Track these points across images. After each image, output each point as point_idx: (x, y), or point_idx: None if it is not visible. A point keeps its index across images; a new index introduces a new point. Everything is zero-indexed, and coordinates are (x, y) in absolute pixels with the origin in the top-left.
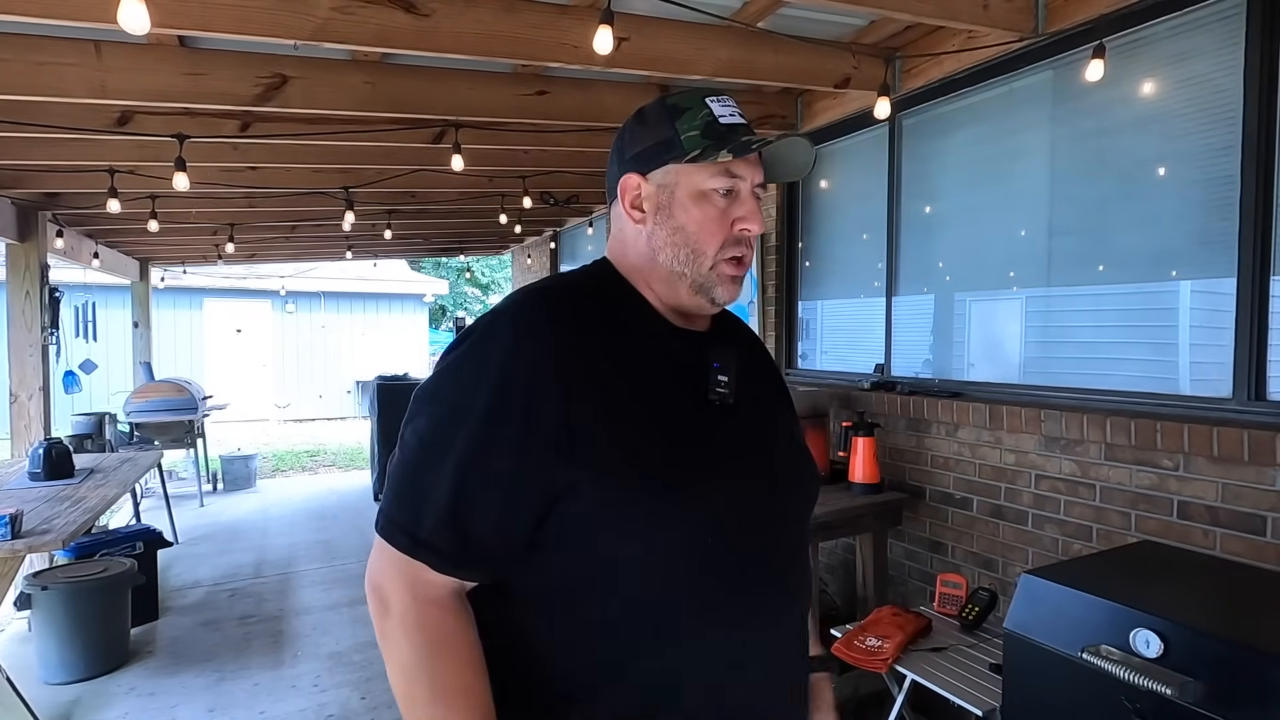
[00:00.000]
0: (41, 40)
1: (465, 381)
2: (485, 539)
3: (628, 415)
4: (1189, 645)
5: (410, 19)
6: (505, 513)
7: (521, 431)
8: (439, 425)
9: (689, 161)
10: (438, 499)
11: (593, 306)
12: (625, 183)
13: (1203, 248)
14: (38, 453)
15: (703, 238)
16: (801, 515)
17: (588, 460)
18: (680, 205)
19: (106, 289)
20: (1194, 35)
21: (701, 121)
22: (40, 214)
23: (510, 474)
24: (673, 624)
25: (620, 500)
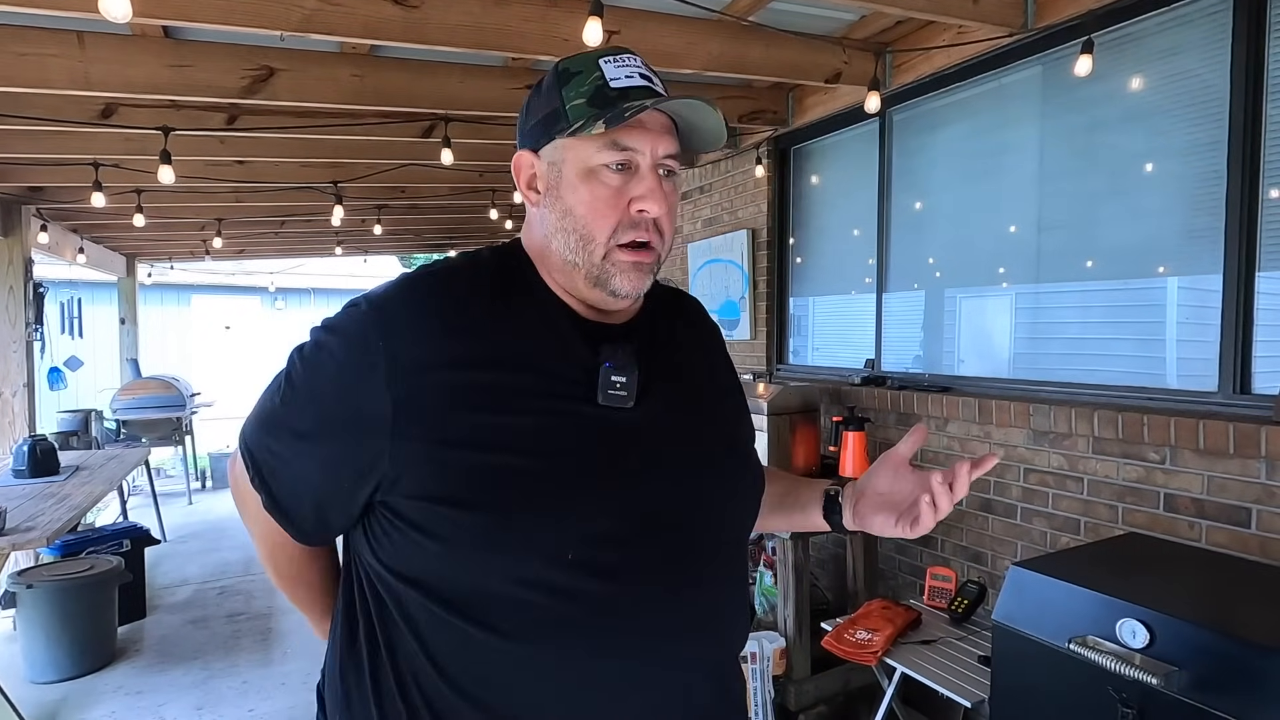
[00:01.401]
0: (23, 31)
1: (314, 358)
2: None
3: (471, 435)
4: (1174, 635)
5: (399, 10)
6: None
7: (343, 426)
8: (291, 388)
9: (571, 135)
10: (273, 448)
11: (470, 302)
12: (518, 161)
13: (1189, 243)
14: (22, 450)
15: (591, 221)
16: (722, 529)
17: (411, 489)
18: (568, 185)
19: (93, 285)
20: (1181, 31)
21: (590, 86)
22: (24, 208)
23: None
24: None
25: (445, 533)
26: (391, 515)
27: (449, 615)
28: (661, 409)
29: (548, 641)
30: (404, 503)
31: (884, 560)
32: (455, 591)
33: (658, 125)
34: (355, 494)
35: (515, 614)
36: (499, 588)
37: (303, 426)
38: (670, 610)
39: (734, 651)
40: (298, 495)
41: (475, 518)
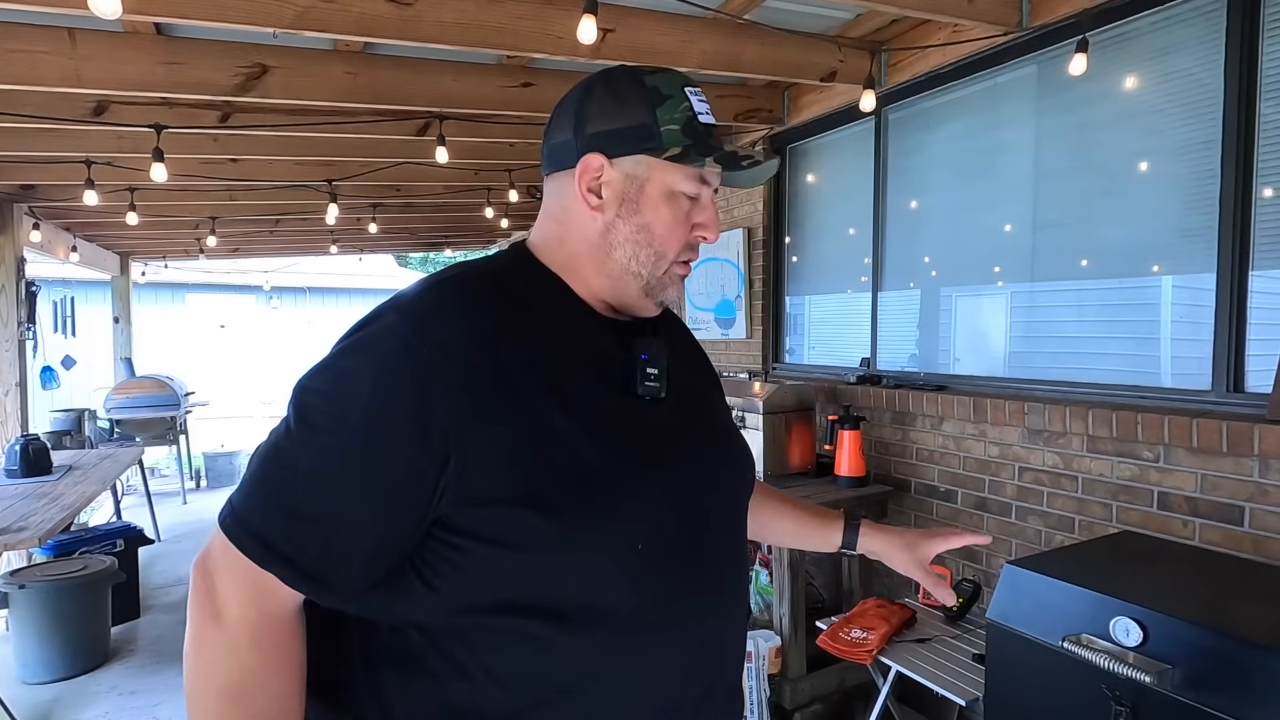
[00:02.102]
0: (13, 27)
1: (343, 382)
2: (343, 556)
3: (540, 434)
4: (1168, 633)
5: (393, 8)
6: (366, 535)
7: (402, 451)
8: (312, 428)
9: (668, 159)
10: (302, 508)
11: (510, 304)
12: (588, 162)
13: (1183, 242)
14: (14, 449)
15: (668, 240)
16: (738, 500)
17: (480, 497)
18: (649, 202)
19: (86, 283)
20: (1176, 30)
21: (683, 116)
22: (15, 206)
23: (376, 498)
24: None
25: (526, 536)
26: (457, 537)
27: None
28: (682, 400)
29: (619, 635)
30: (474, 515)
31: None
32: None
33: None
34: (420, 521)
35: (589, 613)
36: (575, 589)
37: (350, 465)
38: (712, 593)
39: (745, 621)
40: (343, 552)
41: (557, 518)
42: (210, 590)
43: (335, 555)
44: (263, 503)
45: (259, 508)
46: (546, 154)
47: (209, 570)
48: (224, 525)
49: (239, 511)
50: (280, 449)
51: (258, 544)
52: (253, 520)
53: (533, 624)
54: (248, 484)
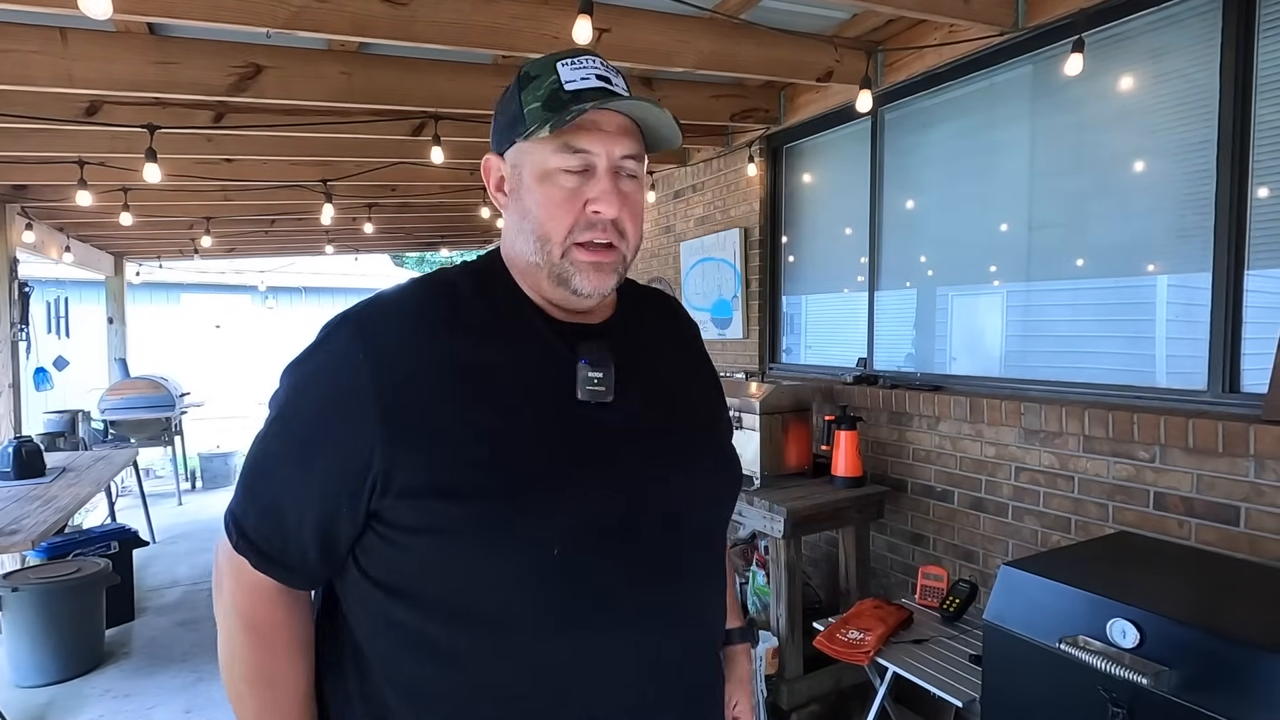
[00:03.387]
0: (4, 27)
1: (299, 384)
2: (296, 542)
3: (464, 436)
4: (1164, 635)
5: (387, 8)
6: (316, 529)
7: (337, 445)
8: (275, 422)
9: (526, 139)
10: (263, 497)
11: (448, 309)
12: (486, 165)
13: (1179, 242)
14: (7, 451)
15: (547, 222)
16: (704, 517)
17: (406, 488)
18: (527, 187)
19: (80, 284)
20: (1171, 30)
21: (546, 90)
22: (8, 206)
23: (316, 487)
24: (515, 641)
25: (442, 526)
26: (385, 525)
27: (431, 621)
28: (640, 404)
29: (526, 640)
30: (398, 504)
31: (876, 559)
32: (443, 593)
33: (614, 127)
34: (355, 505)
35: (498, 614)
36: (484, 587)
37: (299, 451)
38: (651, 604)
39: (716, 637)
40: (299, 533)
41: (470, 508)
42: (216, 569)
43: (289, 540)
44: (241, 495)
45: (239, 500)
46: None
47: (216, 554)
48: (225, 513)
49: (230, 505)
50: (254, 447)
51: (236, 533)
52: (235, 511)
53: (445, 621)
54: (237, 482)
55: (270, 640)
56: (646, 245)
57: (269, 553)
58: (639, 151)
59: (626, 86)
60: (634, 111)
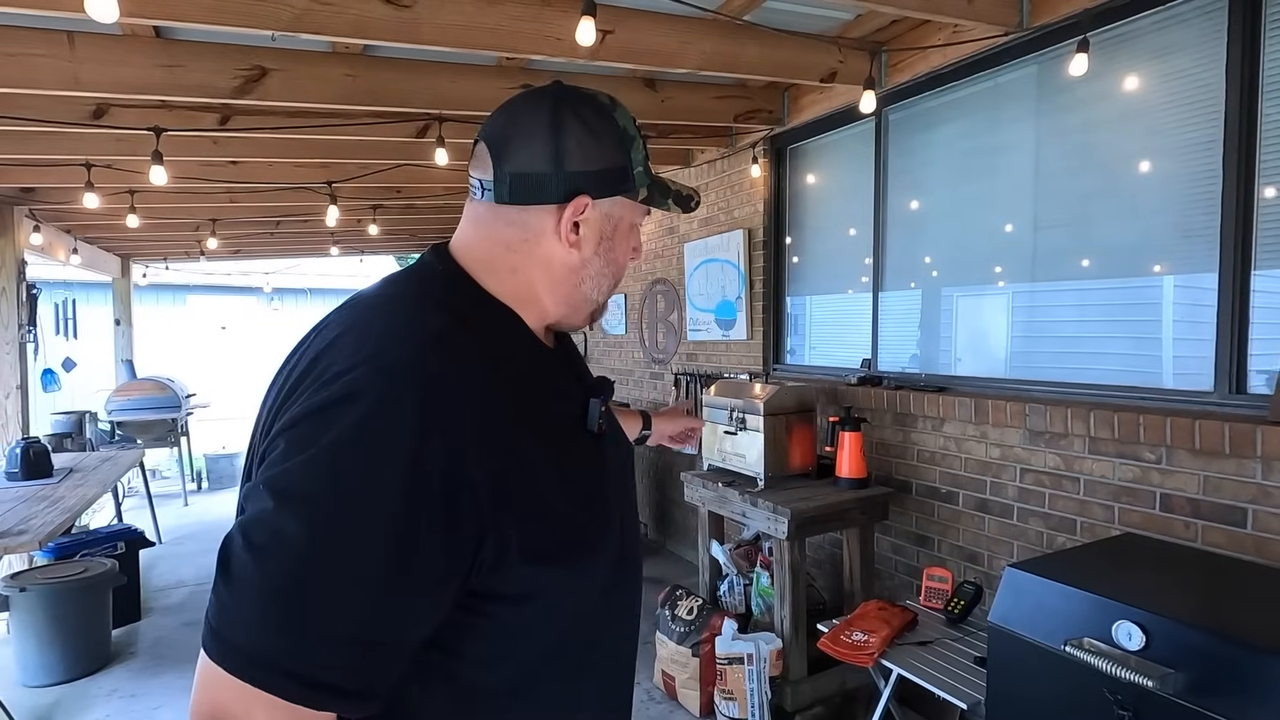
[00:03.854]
0: (11, 30)
1: (359, 475)
2: (399, 661)
3: (541, 477)
4: (1170, 637)
5: (390, 10)
6: (421, 622)
7: (441, 535)
8: (330, 535)
9: (645, 201)
10: (343, 630)
11: (485, 348)
12: (578, 204)
13: (1185, 242)
14: (15, 452)
15: (621, 271)
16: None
17: (514, 558)
18: (621, 238)
19: (87, 285)
20: (1177, 30)
21: (643, 158)
22: (15, 209)
23: (426, 589)
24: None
25: (550, 574)
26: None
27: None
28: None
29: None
30: (500, 578)
31: (880, 560)
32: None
33: None
34: (453, 602)
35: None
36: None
37: (390, 568)
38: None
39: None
40: (387, 660)
41: (567, 567)
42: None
43: (390, 665)
44: (284, 635)
45: (282, 642)
46: (511, 183)
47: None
48: (237, 667)
49: (254, 652)
50: (290, 571)
51: (297, 683)
52: (280, 658)
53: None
54: (249, 618)
55: None
56: (650, 246)
57: (363, 690)
58: None
59: None
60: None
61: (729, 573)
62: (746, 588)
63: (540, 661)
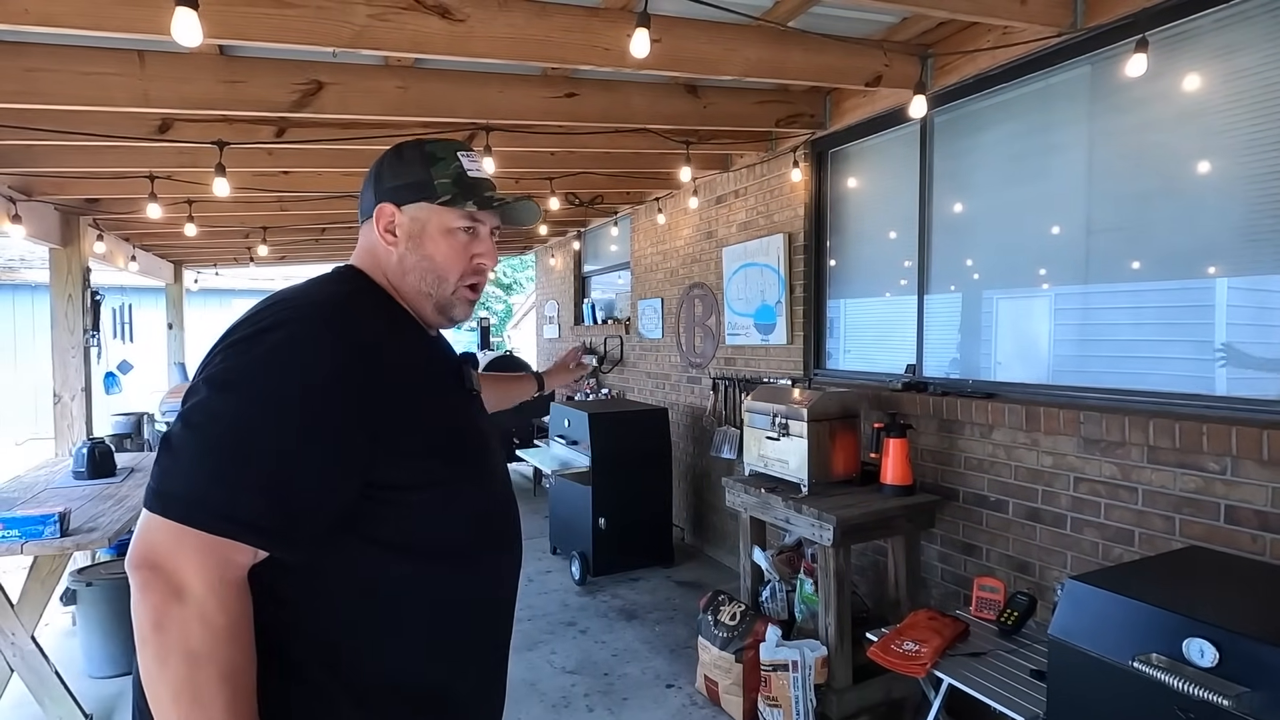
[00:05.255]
0: (87, 51)
1: (289, 370)
2: (307, 515)
3: (427, 410)
4: (1245, 655)
5: (444, 24)
6: (324, 492)
7: (353, 421)
8: (260, 410)
9: (440, 204)
10: (263, 479)
11: (371, 313)
12: (381, 210)
13: (1249, 244)
14: (81, 452)
15: (447, 268)
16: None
17: (401, 452)
18: (430, 238)
19: (140, 290)
20: (1241, 27)
21: (454, 172)
22: (81, 219)
23: (333, 461)
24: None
25: (435, 483)
26: (386, 488)
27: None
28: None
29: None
30: (398, 466)
31: (926, 569)
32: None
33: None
34: (358, 482)
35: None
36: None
37: (307, 435)
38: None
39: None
40: (301, 510)
41: (455, 467)
42: (166, 579)
43: (294, 514)
44: (214, 482)
45: (211, 488)
46: (360, 206)
47: (158, 562)
48: (171, 512)
49: (187, 495)
50: (223, 434)
51: (222, 519)
52: (209, 499)
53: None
54: (185, 470)
55: (246, 632)
56: (688, 250)
57: (274, 528)
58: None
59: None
60: (519, 216)
61: (771, 579)
62: (789, 594)
63: (427, 560)
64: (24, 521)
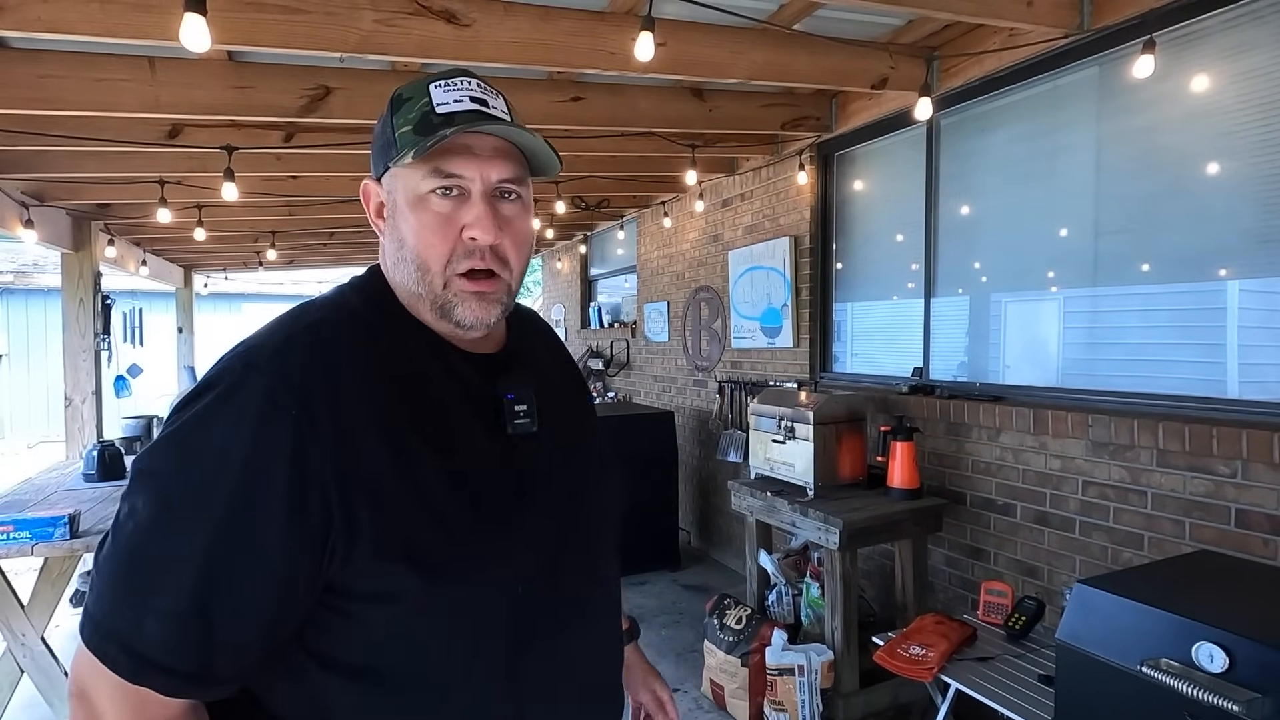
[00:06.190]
0: (98, 58)
1: (204, 454)
2: (232, 647)
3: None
4: (1256, 660)
5: (451, 29)
6: (258, 616)
7: (283, 517)
8: (169, 509)
9: (397, 164)
10: (170, 604)
11: (365, 342)
12: (364, 190)
13: (1260, 246)
14: (91, 455)
15: (423, 249)
16: (612, 523)
17: (364, 552)
18: (401, 213)
19: (151, 294)
20: (1251, 27)
21: (417, 113)
22: (92, 224)
23: (264, 571)
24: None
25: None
26: (340, 596)
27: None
28: (553, 429)
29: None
30: (353, 571)
31: (933, 573)
32: (405, 659)
33: (488, 150)
34: (310, 589)
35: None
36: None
37: (223, 545)
38: (582, 619)
39: (623, 638)
40: (235, 631)
41: (431, 567)
42: (89, 712)
43: (217, 648)
44: (122, 607)
45: (119, 614)
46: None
47: (84, 692)
48: (87, 641)
49: (100, 623)
50: (133, 543)
51: (127, 656)
52: (117, 630)
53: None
54: (101, 590)
55: None
56: (694, 254)
57: (187, 670)
58: (519, 175)
59: (508, 108)
60: (507, 136)
61: (777, 582)
62: (795, 598)
63: (419, 682)
64: (35, 523)
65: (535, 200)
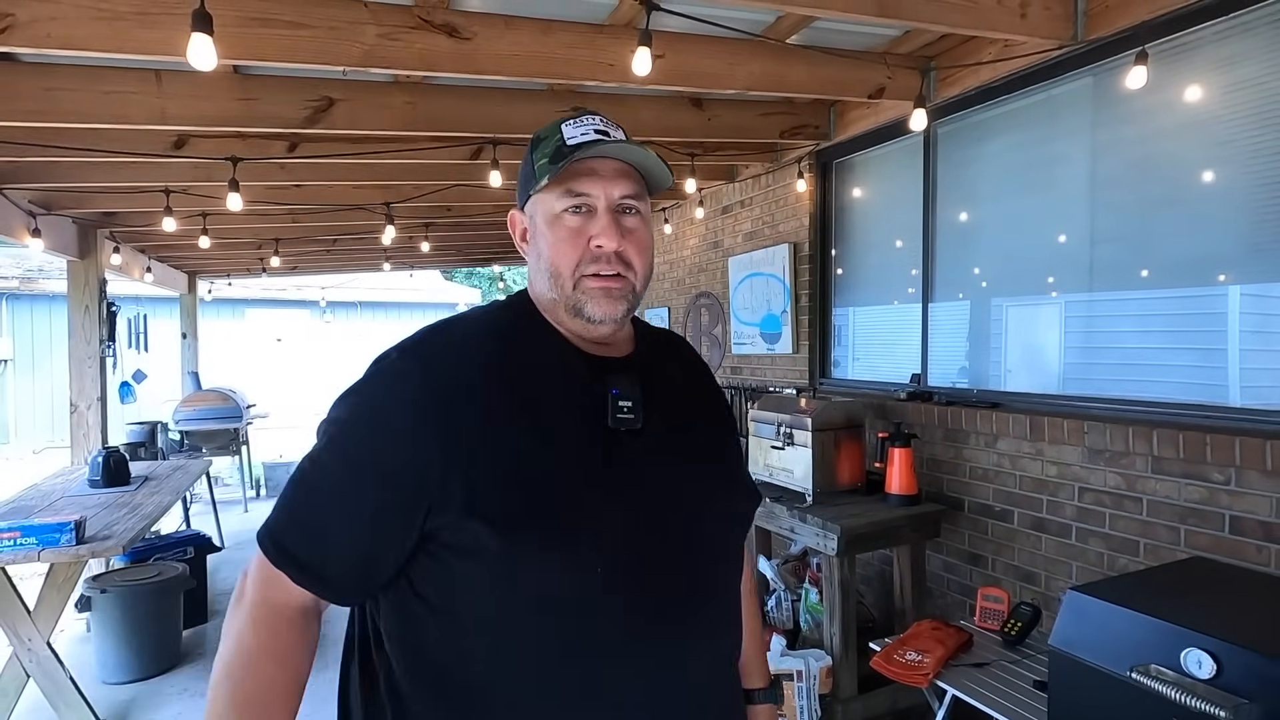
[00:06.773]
0: (106, 71)
1: (359, 409)
2: (340, 558)
3: (512, 462)
4: (1244, 666)
5: (452, 43)
6: (364, 551)
7: (386, 480)
8: (321, 453)
9: (538, 191)
10: (306, 516)
11: (493, 345)
12: (511, 220)
13: (1253, 253)
14: (97, 461)
15: (557, 258)
16: (724, 538)
17: (460, 514)
18: (540, 232)
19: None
20: (1243, 38)
21: (552, 147)
22: (98, 232)
23: (371, 519)
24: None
25: (496, 553)
26: (439, 545)
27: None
28: (664, 432)
29: (572, 656)
30: (450, 526)
31: (932, 579)
32: (491, 612)
33: (610, 172)
34: (408, 531)
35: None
36: (530, 607)
37: (354, 479)
38: (676, 624)
39: (731, 660)
40: (343, 557)
41: (514, 532)
42: (241, 584)
43: (333, 561)
44: (282, 514)
45: (279, 518)
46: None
47: (246, 569)
48: (258, 533)
49: (269, 520)
50: (301, 468)
51: (274, 547)
52: (275, 528)
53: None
54: (278, 499)
55: (276, 666)
56: (694, 260)
57: (309, 566)
58: (638, 191)
59: (627, 137)
60: (624, 155)
61: (776, 588)
62: (794, 603)
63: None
64: (41, 529)
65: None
